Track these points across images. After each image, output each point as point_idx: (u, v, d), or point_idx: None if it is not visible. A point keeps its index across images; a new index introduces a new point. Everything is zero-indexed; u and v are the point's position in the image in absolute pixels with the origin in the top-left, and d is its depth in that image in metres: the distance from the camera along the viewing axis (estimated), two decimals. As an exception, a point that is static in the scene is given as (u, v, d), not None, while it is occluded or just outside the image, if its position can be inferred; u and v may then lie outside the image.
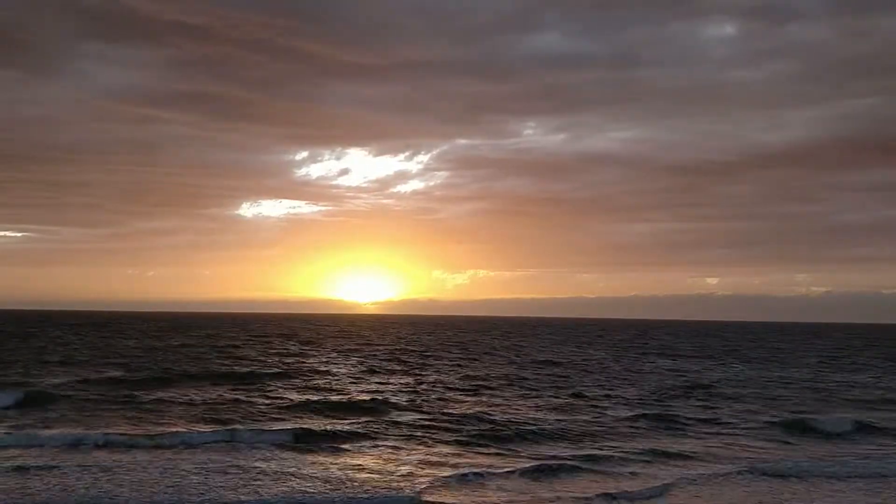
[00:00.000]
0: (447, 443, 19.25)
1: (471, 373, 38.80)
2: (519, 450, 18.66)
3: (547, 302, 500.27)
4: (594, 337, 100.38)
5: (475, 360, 49.27)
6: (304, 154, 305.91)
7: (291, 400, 25.97)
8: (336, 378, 34.58)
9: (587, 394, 30.11)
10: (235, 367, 37.91)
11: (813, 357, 61.36)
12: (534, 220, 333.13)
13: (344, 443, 18.79)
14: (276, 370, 37.11)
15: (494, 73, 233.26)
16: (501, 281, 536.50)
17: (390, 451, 18.07)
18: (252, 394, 27.59)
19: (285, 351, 53.64)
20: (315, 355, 49.80)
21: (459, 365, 44.08)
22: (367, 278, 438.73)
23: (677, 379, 37.97)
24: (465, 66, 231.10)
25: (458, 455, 17.81)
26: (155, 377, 31.91)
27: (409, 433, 20.30)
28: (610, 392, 31.24)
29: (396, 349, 59.88)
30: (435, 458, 17.28)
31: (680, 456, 18.41)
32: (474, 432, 20.59)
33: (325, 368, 39.64)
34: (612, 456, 18.00)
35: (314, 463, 16.53)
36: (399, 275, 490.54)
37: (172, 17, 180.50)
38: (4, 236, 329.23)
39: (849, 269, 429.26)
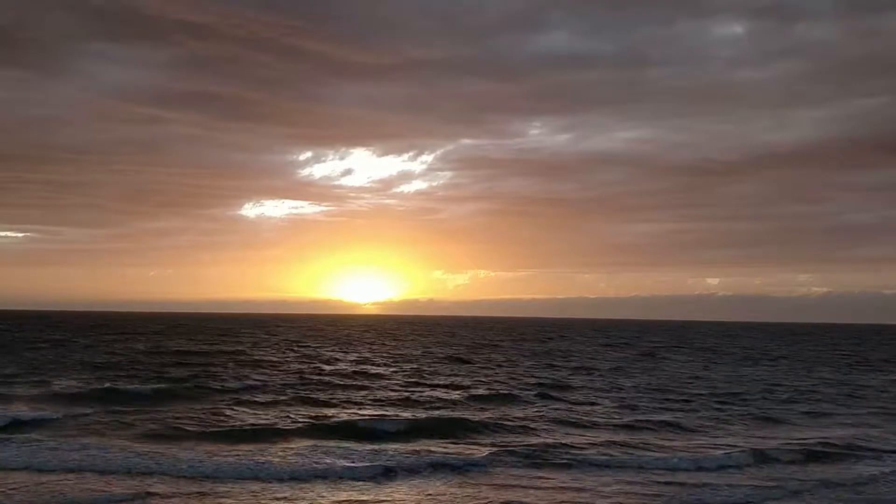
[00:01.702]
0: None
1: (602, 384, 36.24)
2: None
3: (547, 302, 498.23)
4: (631, 338, 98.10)
5: (556, 365, 46.84)
6: (308, 154, 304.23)
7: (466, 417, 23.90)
8: (454, 387, 32.33)
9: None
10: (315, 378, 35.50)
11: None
12: (536, 221, 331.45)
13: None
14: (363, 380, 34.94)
15: (500, 72, 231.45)
16: (502, 281, 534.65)
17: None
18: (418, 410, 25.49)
19: (359, 356, 51.13)
20: (381, 360, 47.40)
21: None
22: (367, 279, 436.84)
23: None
24: (472, 66, 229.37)
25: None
26: (217, 389, 29.65)
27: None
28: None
29: (462, 353, 57.36)
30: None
31: None
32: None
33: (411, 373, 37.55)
34: None
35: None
36: (399, 275, 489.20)
37: (177, 15, 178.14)
38: (6, 236, 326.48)
39: (851, 270, 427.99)
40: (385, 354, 53.87)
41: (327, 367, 40.67)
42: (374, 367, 41.57)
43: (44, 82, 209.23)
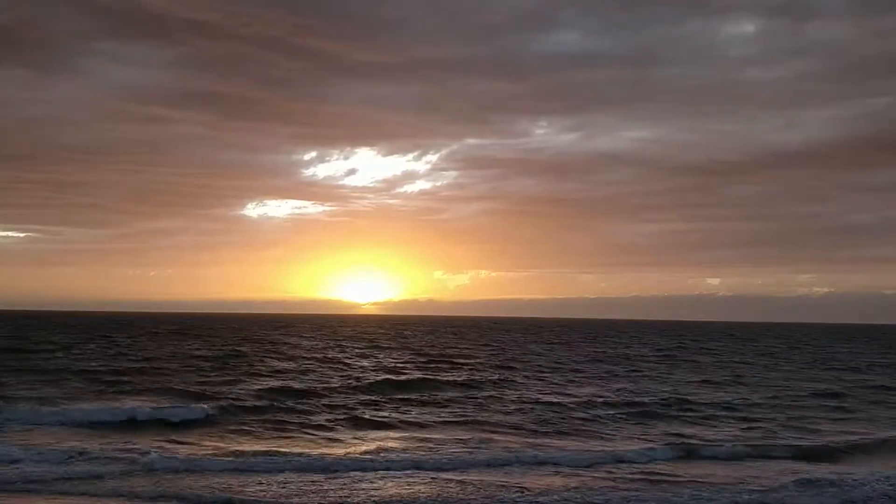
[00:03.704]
0: None
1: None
2: None
3: (547, 302, 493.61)
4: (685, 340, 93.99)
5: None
6: (312, 154, 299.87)
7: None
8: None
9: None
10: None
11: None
12: (538, 221, 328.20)
13: None
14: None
15: (509, 71, 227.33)
16: (502, 282, 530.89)
17: None
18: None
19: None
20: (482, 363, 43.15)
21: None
22: (368, 279, 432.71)
23: None
24: (480, 65, 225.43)
25: None
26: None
27: None
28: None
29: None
30: None
31: None
32: None
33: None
34: None
35: None
36: (400, 275, 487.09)
37: (183, 14, 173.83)
38: (7, 236, 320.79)
39: (853, 270, 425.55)
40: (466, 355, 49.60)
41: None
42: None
43: (48, 81, 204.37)
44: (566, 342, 78.45)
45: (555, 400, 26.47)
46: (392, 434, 20.11)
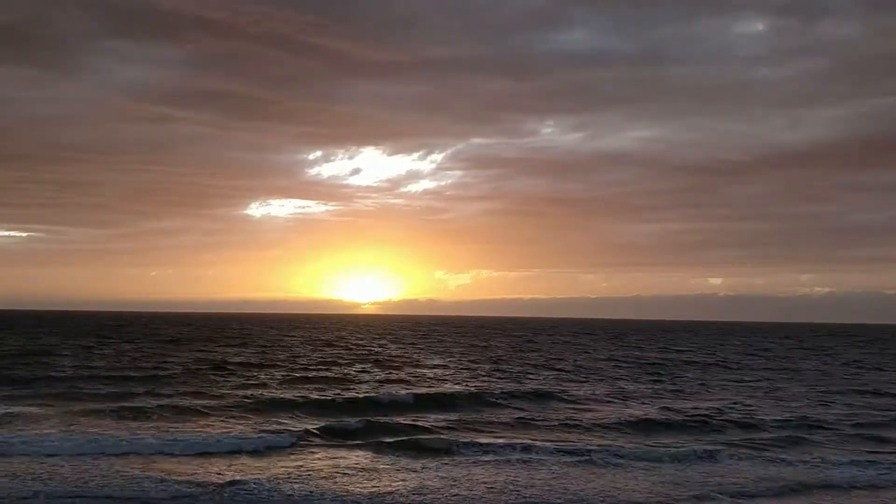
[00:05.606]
0: None
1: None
2: None
3: (548, 302, 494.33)
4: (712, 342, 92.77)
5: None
6: (317, 153, 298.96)
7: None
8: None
9: None
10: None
11: None
12: (541, 221, 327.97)
13: None
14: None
15: (518, 70, 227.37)
16: (503, 281, 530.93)
17: None
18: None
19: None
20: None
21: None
22: (369, 278, 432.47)
23: None
24: (490, 64, 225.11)
25: None
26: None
27: None
28: None
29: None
30: None
31: None
32: None
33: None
34: None
35: None
36: (401, 275, 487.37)
37: (193, 12, 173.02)
38: (10, 236, 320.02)
39: (855, 270, 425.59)
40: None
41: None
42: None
43: (53, 80, 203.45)
44: (598, 344, 77.29)
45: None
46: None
